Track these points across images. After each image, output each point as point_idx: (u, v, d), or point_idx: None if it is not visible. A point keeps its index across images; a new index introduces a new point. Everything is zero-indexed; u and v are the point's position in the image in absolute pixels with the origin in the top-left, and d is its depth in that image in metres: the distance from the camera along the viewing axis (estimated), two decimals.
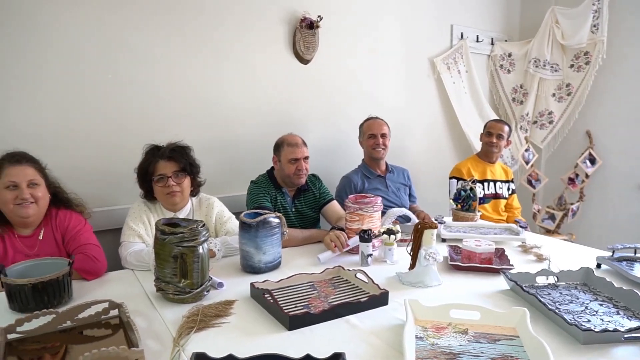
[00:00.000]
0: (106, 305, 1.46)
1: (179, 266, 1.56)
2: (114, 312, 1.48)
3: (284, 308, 1.48)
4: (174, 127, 2.58)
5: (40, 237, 1.90)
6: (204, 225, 1.60)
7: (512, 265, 1.92)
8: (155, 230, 1.59)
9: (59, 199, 1.98)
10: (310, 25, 3.02)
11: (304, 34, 3.04)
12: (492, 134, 3.27)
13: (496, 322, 1.42)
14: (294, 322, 1.41)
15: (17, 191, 1.81)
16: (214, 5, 2.67)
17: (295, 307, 1.55)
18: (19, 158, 1.86)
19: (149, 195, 2.14)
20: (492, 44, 4.21)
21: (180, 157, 2.08)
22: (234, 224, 2.23)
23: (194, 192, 2.21)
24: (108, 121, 2.41)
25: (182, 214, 2.15)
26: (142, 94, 2.49)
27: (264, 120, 2.95)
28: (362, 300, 1.54)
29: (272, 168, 2.57)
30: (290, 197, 2.52)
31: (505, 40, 4.30)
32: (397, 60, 3.60)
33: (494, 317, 1.43)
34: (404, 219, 2.55)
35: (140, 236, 2.03)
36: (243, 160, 2.87)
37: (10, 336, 1.34)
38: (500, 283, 1.78)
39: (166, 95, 2.57)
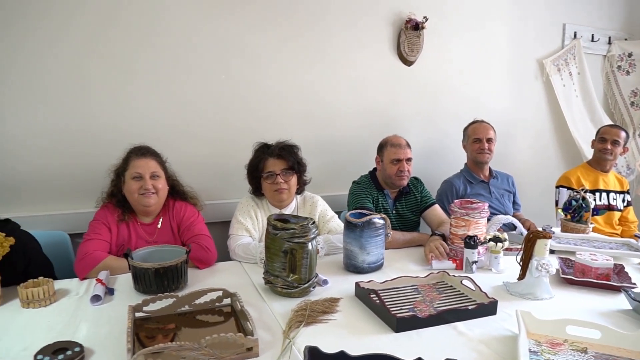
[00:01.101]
0: (220, 293, 1.55)
1: (289, 261, 1.62)
2: (227, 301, 1.56)
3: (390, 309, 1.48)
4: (281, 125, 2.67)
5: (159, 226, 2.04)
6: (313, 222, 1.64)
7: (634, 284, 1.78)
8: (267, 225, 1.65)
9: (176, 191, 2.12)
10: (416, 27, 2.99)
11: (408, 35, 3.01)
12: (606, 140, 3.04)
13: (619, 343, 1.33)
14: (401, 325, 1.40)
15: (142, 182, 1.96)
16: (321, 7, 2.73)
17: (401, 309, 1.54)
18: (144, 151, 2.02)
19: (257, 191, 2.23)
20: (610, 43, 3.91)
21: (289, 155, 2.15)
22: (336, 223, 2.26)
23: (300, 190, 2.27)
24: (220, 120, 2.55)
25: (287, 211, 2.21)
26: (251, 93, 2.61)
27: (367, 121, 2.96)
28: (470, 307, 1.50)
29: (375, 169, 2.57)
30: (391, 199, 2.51)
31: (625, 39, 3.97)
32: (503, 61, 3.46)
33: (616, 338, 1.34)
34: (509, 227, 2.44)
35: (247, 230, 2.12)
36: (345, 160, 2.91)
37: (136, 314, 1.46)
38: (619, 302, 1.66)
39: (274, 95, 2.67)
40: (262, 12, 2.58)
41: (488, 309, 1.52)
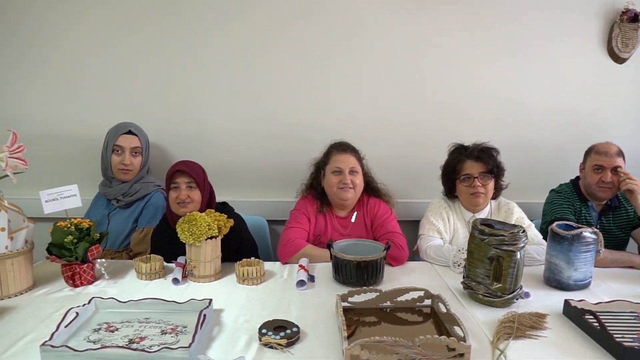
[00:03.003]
0: (421, 293, 1.53)
1: (494, 268, 1.54)
2: (427, 302, 1.54)
3: (614, 336, 1.32)
4: (473, 126, 2.57)
5: (353, 220, 2.10)
6: (524, 231, 1.54)
7: None
8: (473, 229, 1.59)
9: (371, 188, 2.16)
10: (634, 18, 2.65)
11: (623, 28, 2.68)
12: None
13: None
14: (630, 356, 1.24)
15: (341, 176, 2.04)
16: (518, 1, 2.56)
17: (623, 337, 1.37)
18: (345, 147, 2.10)
19: (450, 193, 2.17)
20: None
21: (488, 158, 2.06)
22: (533, 232, 2.10)
23: (495, 194, 2.17)
24: (413, 119, 2.54)
25: (480, 216, 2.13)
26: (445, 93, 2.55)
27: (566, 124, 2.71)
28: None
29: (578, 178, 2.34)
30: (596, 212, 2.26)
31: None
32: None
33: None
34: None
35: (439, 232, 2.08)
36: (540, 166, 2.70)
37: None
38: None
39: (467, 94, 2.58)
40: (454, 11, 2.50)
41: None
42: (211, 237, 1.73)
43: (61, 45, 2.45)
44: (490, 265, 1.54)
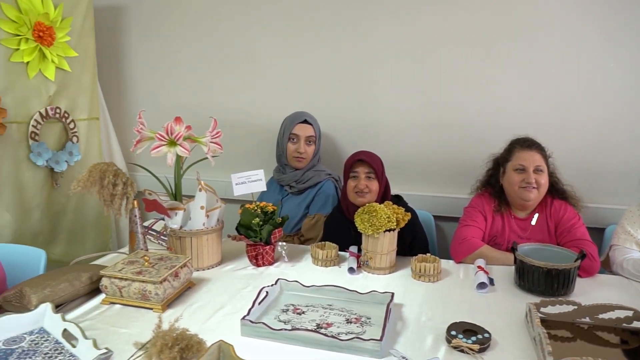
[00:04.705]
0: (629, 313, 1.36)
1: None
2: (637, 324, 1.35)
3: None
4: None
5: (533, 222, 1.94)
6: None
7: None
8: None
9: (556, 189, 1.98)
10: None
11: None
12: None
13: None
14: None
15: (525, 174, 1.89)
16: None
17: None
18: (530, 144, 1.94)
19: None
20: None
21: None
22: None
23: None
24: (601, 114, 2.25)
25: None
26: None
27: None
28: None
29: None
30: None
31: None
32: None
33: None
34: None
35: (638, 243, 1.84)
36: None
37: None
38: None
39: None
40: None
41: None
42: (389, 230, 1.71)
43: (244, 43, 2.62)
44: None
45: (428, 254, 1.77)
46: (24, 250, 1.89)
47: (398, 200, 1.97)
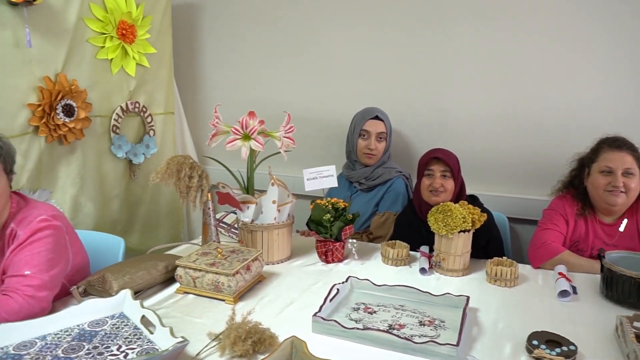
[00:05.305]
0: None
1: None
2: None
3: None
4: None
5: (621, 229, 1.80)
6: None
7: None
8: None
9: None
10: None
11: None
12: None
13: None
14: None
15: (611, 177, 1.76)
16: None
17: None
18: (620, 144, 1.80)
19: None
20: None
21: None
22: None
23: None
24: None
25: None
26: None
27: None
28: None
29: None
30: None
31: None
32: None
33: None
34: None
35: None
36: None
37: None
38: None
39: None
40: None
41: None
42: (464, 231, 1.65)
43: (316, 38, 2.61)
44: None
45: (504, 258, 1.69)
46: (105, 237, 1.98)
47: (473, 200, 1.90)
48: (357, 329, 1.24)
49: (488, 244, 1.83)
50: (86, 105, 2.12)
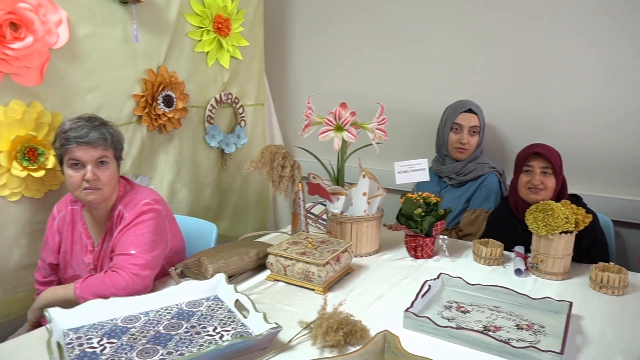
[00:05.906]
0: None
1: None
2: None
3: None
4: None
5: None
6: None
7: None
8: None
9: None
10: None
11: None
12: None
13: None
14: None
15: None
16: None
17: None
18: None
19: None
20: None
21: None
22: None
23: None
24: None
25: None
26: None
27: None
28: None
29: None
30: None
31: None
32: None
33: None
34: None
35: None
36: None
37: None
38: None
39: None
40: None
41: None
42: (566, 232, 1.54)
43: (408, 29, 2.55)
44: None
45: (611, 263, 1.57)
46: (199, 223, 2.06)
47: (576, 200, 1.77)
48: (451, 327, 1.20)
49: (591, 248, 1.71)
50: (184, 96, 2.22)
